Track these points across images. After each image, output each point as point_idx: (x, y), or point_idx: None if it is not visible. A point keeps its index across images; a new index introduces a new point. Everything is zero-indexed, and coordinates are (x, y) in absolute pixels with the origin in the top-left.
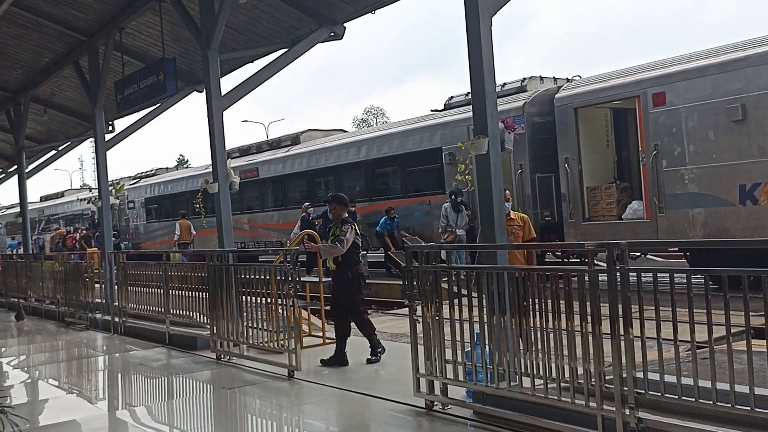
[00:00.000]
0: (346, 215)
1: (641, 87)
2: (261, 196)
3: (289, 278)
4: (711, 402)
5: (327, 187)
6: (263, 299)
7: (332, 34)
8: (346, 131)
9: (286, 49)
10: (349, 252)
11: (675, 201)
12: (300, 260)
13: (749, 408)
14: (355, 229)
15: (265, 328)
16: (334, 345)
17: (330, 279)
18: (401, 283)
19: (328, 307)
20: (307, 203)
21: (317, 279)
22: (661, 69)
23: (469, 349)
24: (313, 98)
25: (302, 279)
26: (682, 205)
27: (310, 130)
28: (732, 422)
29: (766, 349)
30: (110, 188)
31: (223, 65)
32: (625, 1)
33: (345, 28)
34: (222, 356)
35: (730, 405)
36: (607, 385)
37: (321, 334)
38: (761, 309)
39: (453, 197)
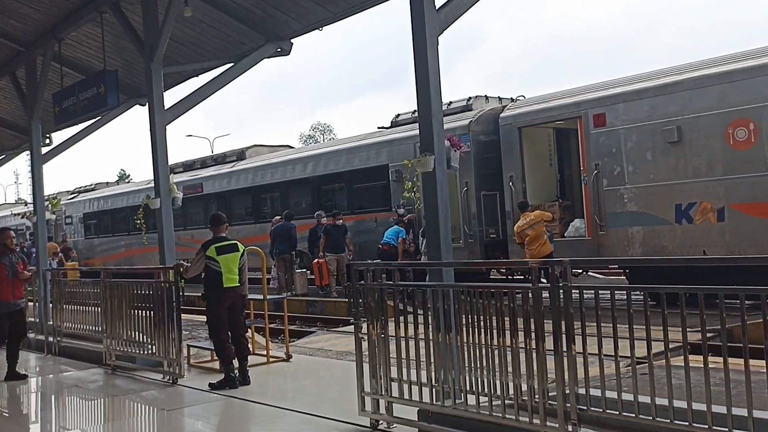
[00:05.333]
0: (224, 234)
1: (582, 108)
2: (205, 212)
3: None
4: (651, 417)
5: (273, 204)
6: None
7: (279, 49)
8: (292, 147)
9: (232, 64)
10: (206, 275)
11: (615, 219)
12: None
13: (687, 423)
14: (207, 254)
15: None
16: (278, 364)
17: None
18: (347, 300)
19: (271, 325)
20: (278, 216)
21: (261, 296)
22: (602, 91)
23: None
24: (260, 114)
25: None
26: (621, 224)
27: (256, 145)
28: None
29: (702, 365)
30: (46, 203)
31: (167, 78)
32: (574, 25)
33: (292, 44)
34: (166, 377)
35: (669, 420)
36: (550, 401)
37: (265, 352)
38: (698, 325)
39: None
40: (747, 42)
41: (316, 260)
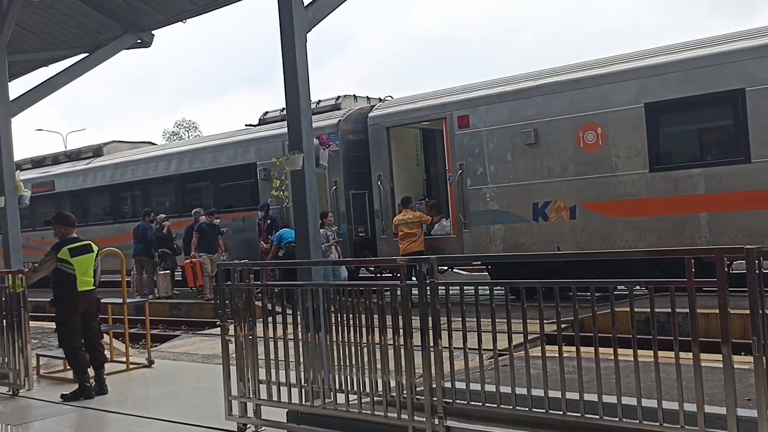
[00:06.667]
0: (74, 235)
1: (447, 110)
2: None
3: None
4: (511, 407)
5: (134, 203)
6: None
7: (139, 41)
8: (154, 144)
9: (87, 54)
10: (57, 279)
11: (478, 218)
12: None
13: (544, 411)
14: (59, 256)
15: None
16: (139, 371)
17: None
18: (213, 301)
19: (132, 330)
20: (163, 215)
21: (120, 300)
22: (466, 93)
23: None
24: (120, 109)
25: (103, 300)
26: (484, 222)
27: (114, 141)
28: (528, 424)
29: (558, 355)
30: None
31: (12, 67)
32: (441, 28)
33: (153, 36)
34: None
35: (527, 409)
36: (418, 396)
37: (125, 359)
38: (554, 317)
39: None
40: (598, 50)
41: (189, 260)
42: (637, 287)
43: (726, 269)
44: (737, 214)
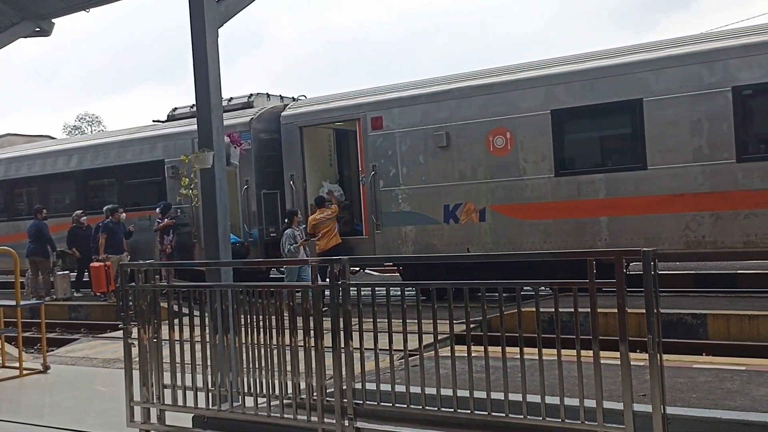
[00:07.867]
0: None
1: (361, 110)
2: None
3: None
4: (420, 407)
5: (30, 199)
6: None
7: (38, 29)
8: (54, 138)
9: None
10: None
11: (390, 219)
12: None
13: (452, 410)
14: None
15: None
16: (34, 377)
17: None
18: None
19: (26, 334)
20: (79, 211)
21: (13, 302)
22: (380, 95)
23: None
24: (17, 100)
25: None
26: (396, 223)
27: (9, 134)
28: (438, 424)
29: (467, 354)
30: None
31: None
32: (356, 29)
33: (54, 24)
34: None
35: (436, 408)
36: (328, 398)
37: (18, 364)
38: (463, 317)
39: None
40: (509, 54)
41: (100, 263)
42: (543, 288)
43: (624, 270)
44: (634, 218)
